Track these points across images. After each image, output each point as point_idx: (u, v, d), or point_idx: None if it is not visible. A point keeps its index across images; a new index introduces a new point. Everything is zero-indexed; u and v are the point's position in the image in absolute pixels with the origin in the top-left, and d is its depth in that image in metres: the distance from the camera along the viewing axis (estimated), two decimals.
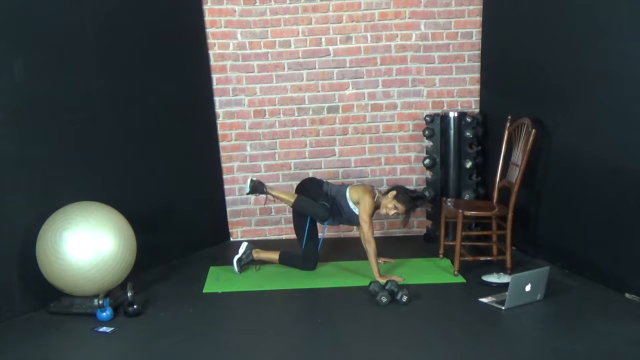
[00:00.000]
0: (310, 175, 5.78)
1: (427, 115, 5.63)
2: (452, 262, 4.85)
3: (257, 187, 5.00)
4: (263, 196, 5.09)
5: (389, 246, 5.43)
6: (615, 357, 3.47)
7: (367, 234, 4.78)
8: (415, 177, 5.92)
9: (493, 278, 4.56)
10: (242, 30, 5.72)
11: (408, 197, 4.86)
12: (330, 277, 4.86)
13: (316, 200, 4.92)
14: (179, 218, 5.35)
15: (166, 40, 5.22)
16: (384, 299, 4.23)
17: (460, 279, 4.71)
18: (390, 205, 4.85)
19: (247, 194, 5.07)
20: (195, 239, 5.56)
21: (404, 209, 4.86)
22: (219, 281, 4.82)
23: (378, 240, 4.88)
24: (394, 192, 4.87)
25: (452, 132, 5.53)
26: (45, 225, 4.10)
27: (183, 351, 3.67)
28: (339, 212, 4.97)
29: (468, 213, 4.81)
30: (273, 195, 5.05)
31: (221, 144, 5.82)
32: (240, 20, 5.70)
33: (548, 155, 4.85)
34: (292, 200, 4.96)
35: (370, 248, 4.75)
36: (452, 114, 5.53)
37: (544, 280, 4.21)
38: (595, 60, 4.44)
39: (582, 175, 4.58)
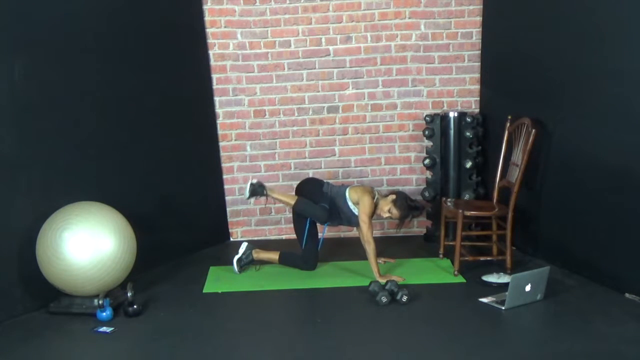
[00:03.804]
0: (311, 175, 5.80)
1: (427, 115, 5.63)
2: (452, 262, 4.85)
3: (257, 190, 4.97)
4: (263, 198, 5.06)
5: (388, 246, 5.44)
6: (615, 357, 3.46)
7: (366, 234, 4.78)
8: (415, 177, 5.93)
9: (493, 278, 4.56)
10: (242, 30, 5.72)
11: (405, 205, 4.84)
12: (330, 277, 4.86)
13: (315, 202, 4.92)
14: (179, 218, 5.35)
15: (166, 40, 5.22)
16: (384, 299, 4.23)
17: (460, 279, 4.71)
18: (385, 209, 4.85)
19: (247, 198, 4.99)
20: (195, 239, 5.56)
21: (398, 216, 4.86)
22: (219, 281, 4.82)
23: (378, 241, 4.88)
24: (393, 197, 4.87)
25: (452, 132, 5.53)
26: (45, 225, 4.10)
27: (183, 351, 3.67)
28: (339, 213, 4.97)
29: (468, 213, 4.81)
30: (273, 197, 5.05)
31: (221, 144, 5.82)
32: (240, 20, 5.70)
33: (548, 155, 4.85)
34: (292, 202, 4.96)
35: (370, 248, 4.74)
36: (452, 114, 5.53)
37: (544, 280, 4.21)
38: (595, 60, 4.44)
39: (582, 175, 4.58)
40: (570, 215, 4.73)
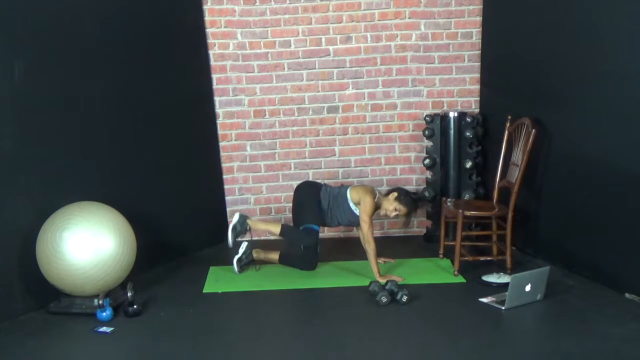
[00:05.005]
0: (310, 176, 5.80)
1: (427, 115, 5.63)
2: (452, 262, 4.85)
3: (240, 230, 4.96)
4: (247, 233, 5.06)
5: (388, 246, 5.43)
6: (615, 357, 3.46)
7: (366, 234, 4.78)
8: (415, 177, 5.92)
9: (493, 278, 4.56)
10: (242, 30, 5.72)
11: (410, 199, 4.87)
12: (330, 277, 4.86)
13: (304, 221, 4.92)
14: (178, 218, 5.35)
15: (166, 40, 5.22)
16: (384, 299, 4.23)
17: (460, 279, 4.71)
18: (391, 208, 4.86)
19: (231, 245, 4.94)
20: (195, 239, 5.56)
21: (405, 211, 4.87)
22: (219, 281, 4.82)
23: (378, 241, 4.88)
24: (395, 194, 4.88)
25: (452, 132, 5.53)
26: (45, 225, 4.10)
27: (183, 351, 3.67)
28: (339, 214, 4.97)
29: (468, 213, 4.81)
30: (257, 229, 5.07)
31: (221, 144, 5.83)
32: (240, 20, 5.70)
33: (548, 155, 4.85)
34: (277, 229, 4.97)
35: (370, 248, 4.75)
36: (452, 114, 5.53)
37: (544, 280, 4.21)
38: (595, 60, 4.44)
39: (582, 175, 4.58)
40: (570, 215, 4.73)
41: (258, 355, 3.65)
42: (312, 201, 4.99)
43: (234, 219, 5.01)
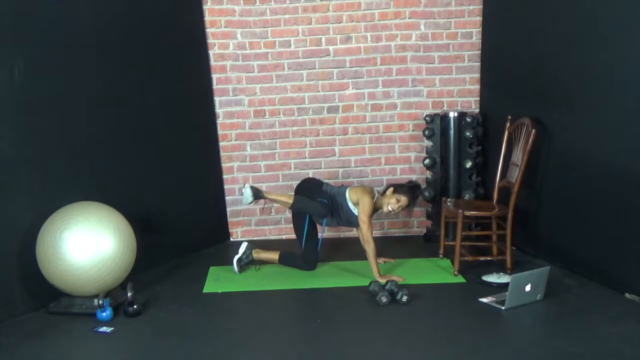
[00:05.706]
0: (310, 176, 5.80)
1: (427, 115, 5.63)
2: (452, 262, 4.85)
3: (255, 193, 4.97)
4: (261, 200, 5.04)
5: (388, 246, 5.44)
6: (615, 357, 3.46)
7: (366, 234, 4.78)
8: (415, 177, 5.92)
9: (493, 278, 4.56)
10: (242, 30, 5.72)
11: (406, 188, 4.91)
12: (330, 277, 4.86)
13: (314, 198, 4.92)
14: (178, 218, 5.34)
15: (166, 40, 5.22)
16: (384, 299, 4.23)
17: (460, 279, 4.71)
18: (393, 200, 4.86)
19: (249, 202, 4.95)
20: (195, 239, 5.56)
21: (407, 199, 4.88)
22: (219, 281, 4.82)
23: (378, 241, 4.88)
24: (391, 189, 4.91)
25: (452, 132, 5.53)
26: (45, 225, 4.10)
27: (183, 351, 3.67)
28: (338, 213, 4.97)
29: (468, 213, 4.81)
30: (270, 199, 5.05)
31: (221, 144, 5.83)
32: (240, 20, 5.70)
33: (548, 155, 4.85)
34: (290, 201, 4.96)
35: (370, 249, 4.75)
36: (452, 114, 5.53)
37: (544, 280, 4.21)
38: (595, 60, 4.44)
39: (582, 175, 4.58)
40: (570, 215, 4.73)
41: (258, 355, 3.64)
42: (318, 189, 5.01)
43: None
